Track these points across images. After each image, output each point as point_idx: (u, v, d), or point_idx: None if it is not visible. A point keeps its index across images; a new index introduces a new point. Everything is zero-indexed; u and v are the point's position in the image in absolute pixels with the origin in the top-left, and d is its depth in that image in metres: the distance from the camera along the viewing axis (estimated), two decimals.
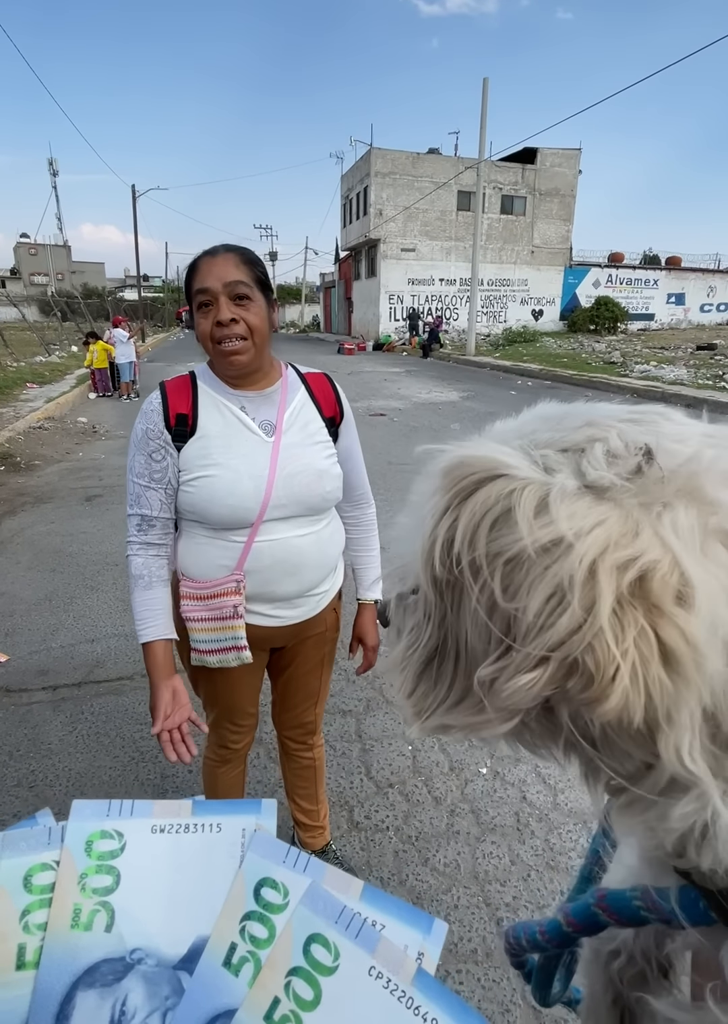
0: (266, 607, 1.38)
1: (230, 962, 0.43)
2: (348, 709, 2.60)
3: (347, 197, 32.01)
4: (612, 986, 0.54)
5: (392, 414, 9.90)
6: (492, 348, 22.61)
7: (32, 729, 2.47)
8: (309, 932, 0.43)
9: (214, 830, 0.48)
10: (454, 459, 0.34)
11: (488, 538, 0.31)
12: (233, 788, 1.69)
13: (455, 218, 28.40)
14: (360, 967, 0.41)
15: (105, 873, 0.46)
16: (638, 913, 0.39)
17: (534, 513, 0.30)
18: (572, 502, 0.30)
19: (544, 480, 0.31)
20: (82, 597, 3.66)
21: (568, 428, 0.35)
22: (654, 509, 0.29)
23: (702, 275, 32.92)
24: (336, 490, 1.37)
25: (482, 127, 18.50)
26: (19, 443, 7.75)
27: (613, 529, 0.29)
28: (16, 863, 0.45)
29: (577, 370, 15.02)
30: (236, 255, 1.23)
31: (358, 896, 0.45)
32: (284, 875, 0.45)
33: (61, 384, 12.79)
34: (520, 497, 0.31)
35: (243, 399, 1.31)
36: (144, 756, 2.32)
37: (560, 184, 29.34)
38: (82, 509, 5.30)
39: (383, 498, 5.33)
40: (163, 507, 1.31)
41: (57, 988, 0.41)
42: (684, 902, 0.36)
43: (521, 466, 0.32)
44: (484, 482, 0.32)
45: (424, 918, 0.45)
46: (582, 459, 0.32)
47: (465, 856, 1.89)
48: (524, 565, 0.30)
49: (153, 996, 0.42)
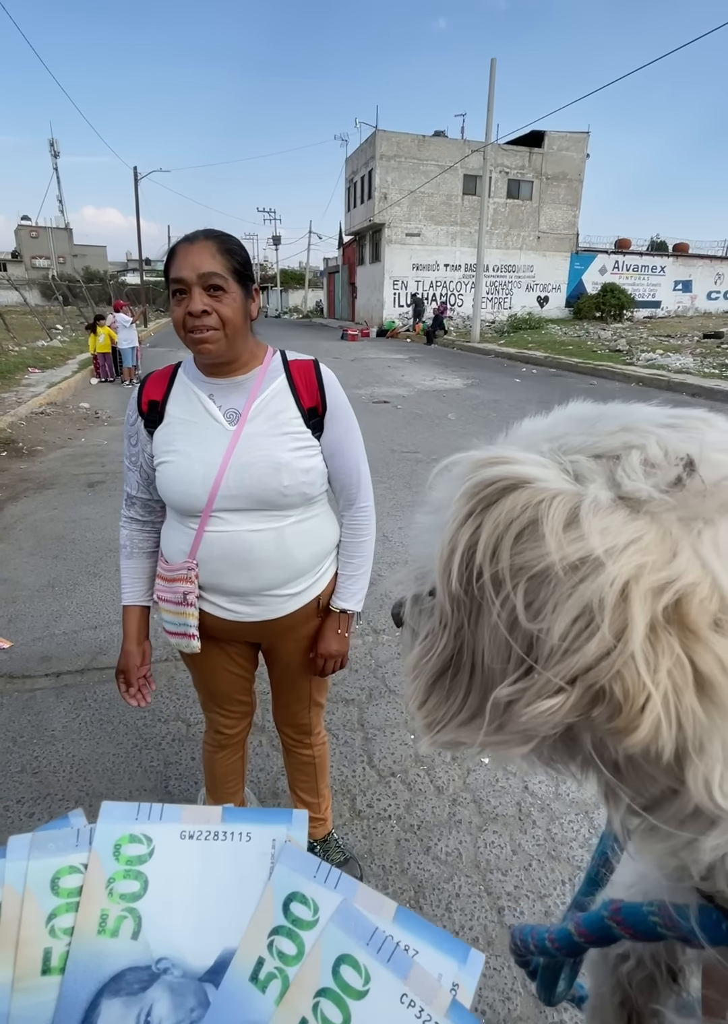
0: (221, 599, 1.37)
1: (257, 977, 0.42)
2: (350, 698, 2.60)
3: (351, 180, 31.64)
4: (620, 989, 0.53)
5: (396, 401, 9.85)
6: (497, 335, 22.44)
7: (35, 715, 2.48)
8: (339, 952, 0.41)
9: (244, 839, 0.47)
10: (479, 462, 0.32)
11: (512, 551, 0.29)
12: (232, 774, 1.70)
13: (461, 202, 28.08)
14: (392, 993, 0.40)
15: (133, 879, 0.45)
16: (655, 929, 0.38)
17: (563, 527, 0.28)
18: (605, 516, 0.28)
19: (575, 490, 0.29)
20: (85, 584, 3.66)
21: (602, 432, 0.32)
22: (695, 526, 0.27)
23: (710, 262, 32.56)
24: (300, 485, 1.28)
25: (489, 109, 18.23)
26: (21, 428, 7.73)
27: (649, 547, 0.27)
28: (44, 864, 0.44)
29: (582, 358, 14.90)
30: (214, 244, 1.19)
31: (391, 918, 0.43)
32: (314, 890, 0.44)
33: (63, 369, 12.75)
34: (549, 508, 0.28)
35: (213, 386, 1.30)
36: (147, 743, 2.33)
37: (567, 168, 28.95)
38: (84, 495, 5.30)
39: (386, 486, 5.35)
40: (140, 488, 1.40)
41: (82, 995, 0.41)
42: (705, 922, 0.35)
43: (550, 474, 0.30)
44: (510, 490, 0.30)
45: (460, 947, 0.42)
46: (617, 468, 0.29)
47: (467, 845, 1.89)
48: (550, 582, 0.28)
49: (178, 1007, 0.41)
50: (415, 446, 6.93)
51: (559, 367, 14.36)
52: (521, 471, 0.30)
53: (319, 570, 1.43)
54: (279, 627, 1.41)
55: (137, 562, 1.45)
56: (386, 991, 0.40)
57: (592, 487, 0.29)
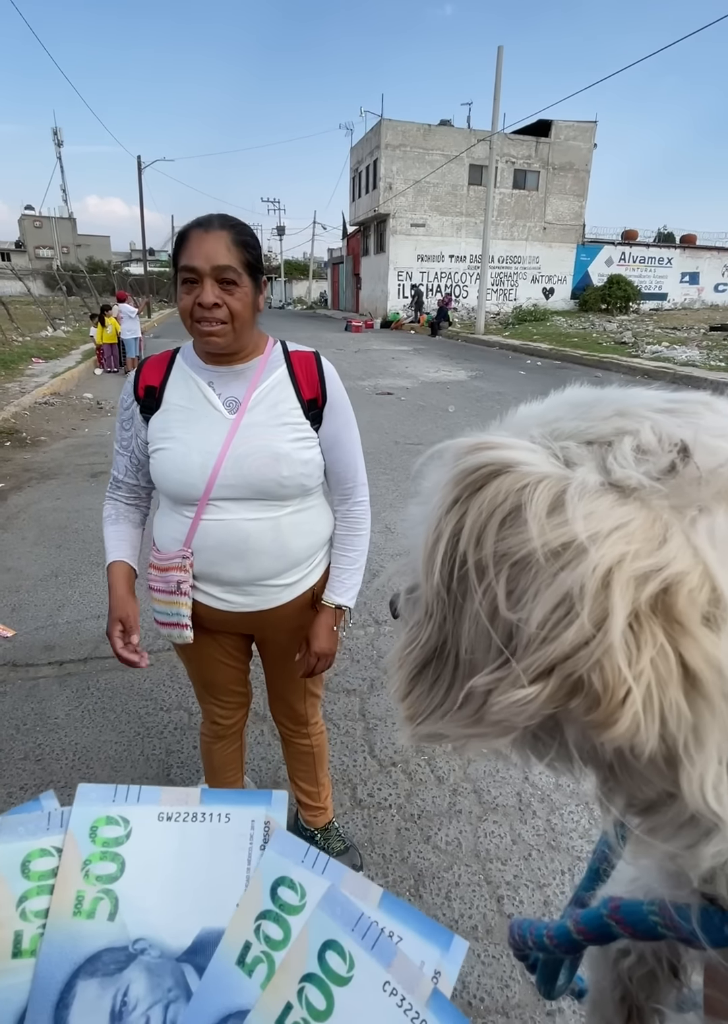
0: (215, 589, 1.36)
1: (244, 961, 0.42)
2: (352, 688, 2.61)
3: (356, 170, 31.42)
4: (621, 984, 0.53)
5: (399, 393, 9.81)
6: (502, 327, 22.32)
7: (38, 703, 2.50)
8: (325, 938, 0.41)
9: (222, 820, 0.47)
10: (466, 448, 0.31)
11: (496, 537, 0.28)
12: (230, 764, 1.70)
13: (466, 193, 27.85)
14: (374, 980, 0.40)
15: (109, 860, 0.45)
16: (655, 929, 0.37)
17: (547, 512, 0.27)
18: (591, 501, 0.27)
19: (562, 475, 0.28)
20: (88, 573, 3.67)
21: (596, 417, 0.31)
22: (688, 513, 0.26)
23: (717, 253, 32.25)
24: (299, 476, 1.28)
25: (496, 98, 18.01)
26: (25, 419, 7.74)
27: (636, 534, 0.25)
28: (13, 848, 0.44)
29: (587, 350, 14.82)
30: (229, 234, 1.17)
31: (376, 904, 0.43)
32: (302, 875, 0.44)
33: (67, 359, 12.74)
34: (533, 493, 0.27)
35: (213, 374, 1.29)
36: (150, 732, 2.34)
37: (574, 158, 28.66)
38: (88, 485, 5.31)
39: (389, 478, 5.35)
40: (128, 473, 1.40)
41: (58, 976, 0.41)
42: (706, 924, 0.34)
43: (538, 459, 0.29)
44: (495, 475, 0.29)
45: (443, 934, 0.43)
46: (608, 454, 0.28)
47: (467, 835, 1.90)
48: (532, 569, 0.27)
49: (155, 988, 0.41)
50: (418, 437, 6.91)
51: (564, 359, 14.28)
52: (508, 456, 0.29)
53: (313, 561, 1.42)
54: (273, 617, 1.41)
55: (122, 526, 1.43)
56: (369, 978, 0.40)
57: (580, 471, 0.28)
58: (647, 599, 0.25)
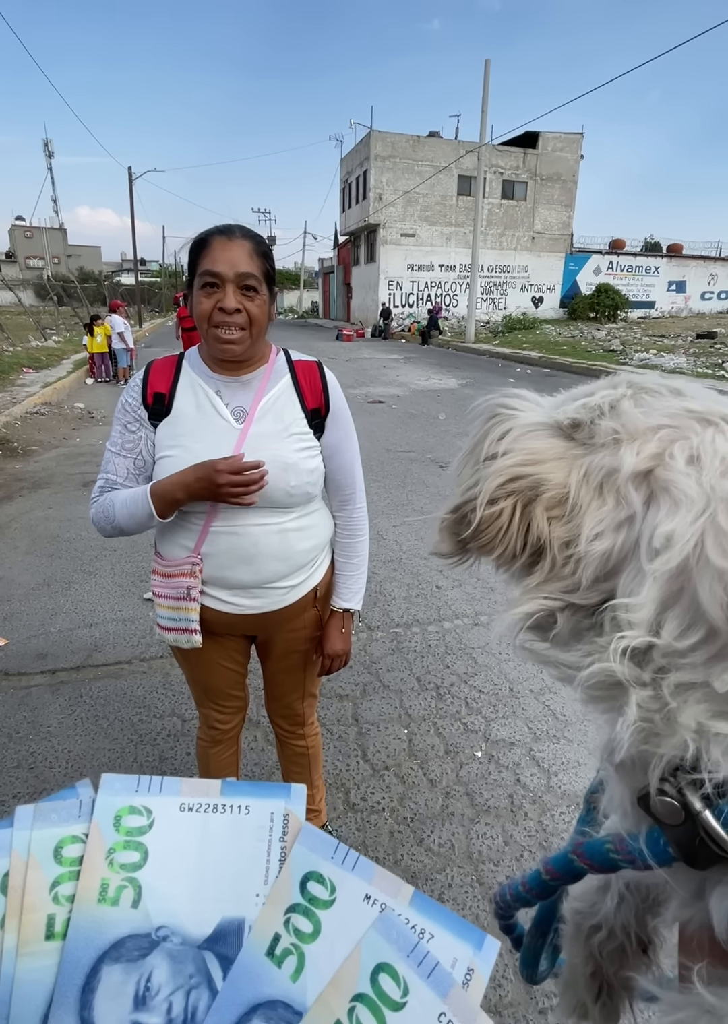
0: (223, 593, 1.37)
1: (273, 952, 0.43)
2: (345, 693, 2.62)
3: (346, 181, 31.67)
4: (592, 960, 0.56)
5: (390, 401, 9.87)
6: (491, 335, 22.50)
7: (31, 712, 2.49)
8: (379, 960, 0.42)
9: (242, 812, 0.48)
10: (494, 402, 0.49)
11: (476, 446, 0.47)
12: (226, 769, 1.71)
13: (455, 203, 28.15)
14: (430, 1010, 0.39)
15: (133, 849, 0.46)
16: (609, 856, 0.41)
17: (498, 436, 0.45)
18: (520, 432, 0.44)
19: (519, 418, 0.45)
20: (80, 582, 3.67)
21: (600, 387, 0.46)
22: (582, 454, 0.42)
23: (703, 262, 32.74)
24: (306, 485, 1.31)
25: (483, 110, 18.26)
26: (16, 428, 7.71)
27: (541, 453, 0.42)
28: (47, 834, 0.45)
29: (576, 358, 14.96)
30: (250, 244, 1.20)
31: (407, 902, 0.44)
32: (332, 871, 0.45)
33: (58, 369, 12.71)
34: (496, 426, 0.46)
35: (220, 383, 1.30)
36: (143, 739, 2.34)
37: (561, 169, 29.06)
38: (79, 494, 5.29)
39: (381, 484, 5.37)
40: (129, 476, 1.33)
41: (83, 961, 0.42)
42: (651, 844, 0.38)
43: (521, 408, 0.46)
44: (494, 416, 0.47)
45: (476, 933, 0.43)
46: (568, 405, 0.45)
47: (459, 837, 1.92)
48: (483, 462, 0.45)
49: (178, 974, 0.42)
50: (409, 445, 6.95)
51: (553, 367, 14.41)
52: (503, 405, 0.47)
53: (315, 562, 1.46)
54: (278, 618, 1.44)
55: (123, 491, 1.31)
56: (424, 1007, 0.40)
57: (531, 415, 0.45)
58: (524, 487, 0.42)
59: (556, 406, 0.47)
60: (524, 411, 0.46)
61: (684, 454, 0.37)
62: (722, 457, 0.37)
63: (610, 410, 0.42)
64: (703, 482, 0.36)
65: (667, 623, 0.36)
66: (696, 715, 0.34)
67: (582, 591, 0.41)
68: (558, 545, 0.41)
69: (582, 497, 0.40)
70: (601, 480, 0.40)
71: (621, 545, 0.39)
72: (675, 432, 0.39)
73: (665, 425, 0.40)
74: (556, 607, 0.42)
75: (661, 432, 0.39)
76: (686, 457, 0.37)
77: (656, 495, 0.38)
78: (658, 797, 0.36)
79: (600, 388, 0.46)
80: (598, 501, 0.40)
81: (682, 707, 0.35)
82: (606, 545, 0.39)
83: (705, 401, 0.41)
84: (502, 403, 0.47)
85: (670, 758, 0.35)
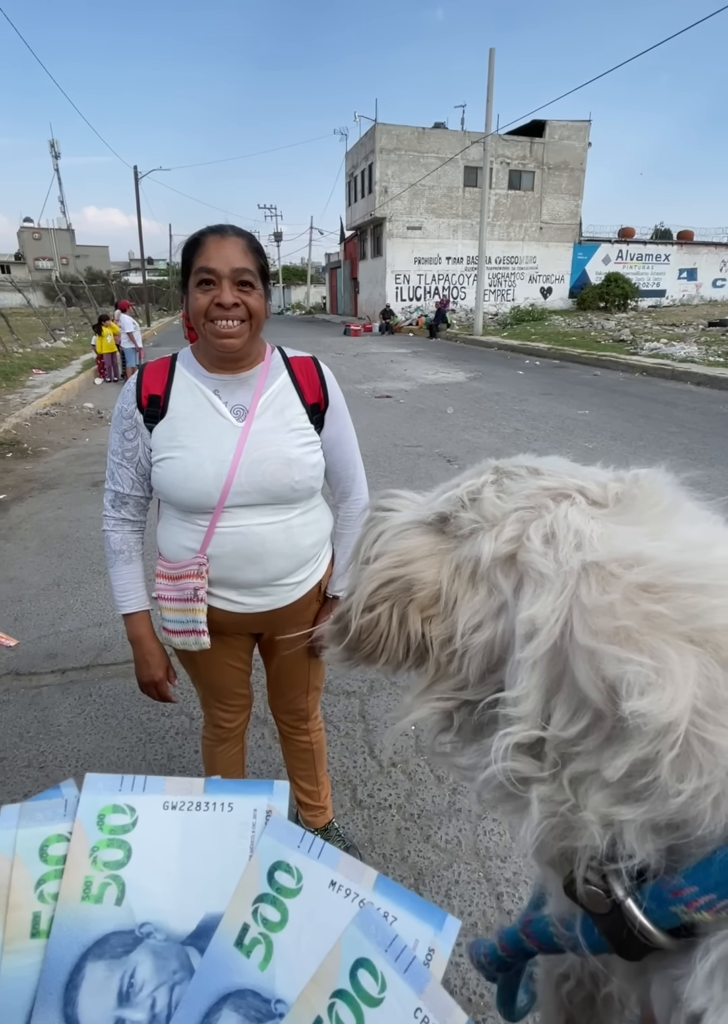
0: (230, 593, 1.38)
1: (242, 943, 0.44)
2: (352, 690, 2.62)
3: (352, 175, 31.52)
4: (564, 1009, 0.56)
5: (398, 396, 9.84)
6: (500, 327, 22.34)
7: (41, 711, 2.52)
8: (358, 955, 0.42)
9: (225, 809, 0.48)
10: (376, 503, 0.52)
11: (363, 552, 0.48)
12: (232, 766, 1.72)
13: (462, 194, 27.93)
14: (406, 1006, 0.40)
15: (116, 847, 0.46)
16: (552, 939, 0.41)
17: (372, 540, 0.47)
18: (393, 533, 0.45)
19: (393, 520, 0.47)
20: (89, 582, 3.70)
21: (467, 476, 0.48)
22: (449, 550, 0.43)
23: (715, 249, 32.24)
24: (309, 480, 1.33)
25: (489, 100, 18.09)
26: (26, 429, 7.78)
27: (412, 556, 0.43)
28: (32, 833, 0.46)
29: (586, 349, 14.82)
30: (244, 241, 1.22)
31: (371, 886, 0.44)
32: (298, 860, 0.46)
33: (67, 370, 12.81)
34: (372, 529, 0.47)
35: (218, 382, 1.30)
36: (151, 737, 2.36)
37: (569, 158, 28.72)
38: (89, 495, 5.34)
39: (388, 480, 5.36)
40: (134, 485, 1.35)
41: (67, 958, 0.43)
42: (585, 930, 0.37)
43: (397, 507, 0.48)
44: (375, 520, 0.49)
45: (437, 913, 0.43)
46: (436, 500, 0.46)
47: (466, 833, 1.92)
48: (362, 564, 0.47)
49: (161, 970, 0.43)
50: (417, 440, 6.93)
51: (563, 358, 14.30)
52: (389, 508, 0.49)
53: (319, 556, 1.48)
54: (285, 614, 1.45)
55: (136, 567, 1.41)
56: (401, 1002, 0.40)
57: (401, 516, 0.47)
58: (398, 590, 0.43)
59: (428, 502, 0.47)
60: (399, 510, 0.46)
61: (539, 533, 0.37)
62: (575, 530, 0.36)
63: (470, 501, 0.43)
64: (560, 559, 0.35)
65: (556, 711, 0.34)
66: (597, 805, 0.33)
67: (473, 687, 0.40)
68: (439, 643, 0.41)
69: (454, 591, 0.40)
70: (471, 570, 0.40)
71: (501, 634, 0.38)
72: (530, 512, 0.38)
73: (521, 507, 0.39)
74: (450, 707, 0.41)
75: (516, 515, 0.39)
76: (541, 536, 0.37)
77: (522, 579, 0.37)
78: (584, 886, 0.35)
79: (466, 478, 0.46)
80: (471, 592, 0.39)
81: (584, 798, 0.33)
82: (487, 635, 0.38)
83: (561, 476, 0.41)
84: (378, 505, 0.48)
85: (591, 849, 0.34)
